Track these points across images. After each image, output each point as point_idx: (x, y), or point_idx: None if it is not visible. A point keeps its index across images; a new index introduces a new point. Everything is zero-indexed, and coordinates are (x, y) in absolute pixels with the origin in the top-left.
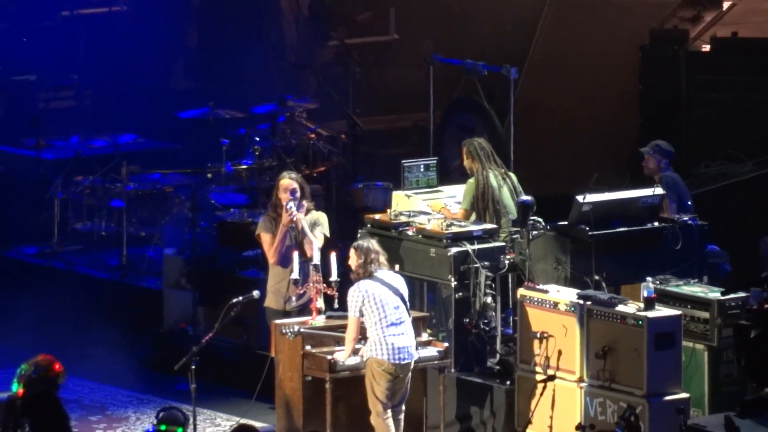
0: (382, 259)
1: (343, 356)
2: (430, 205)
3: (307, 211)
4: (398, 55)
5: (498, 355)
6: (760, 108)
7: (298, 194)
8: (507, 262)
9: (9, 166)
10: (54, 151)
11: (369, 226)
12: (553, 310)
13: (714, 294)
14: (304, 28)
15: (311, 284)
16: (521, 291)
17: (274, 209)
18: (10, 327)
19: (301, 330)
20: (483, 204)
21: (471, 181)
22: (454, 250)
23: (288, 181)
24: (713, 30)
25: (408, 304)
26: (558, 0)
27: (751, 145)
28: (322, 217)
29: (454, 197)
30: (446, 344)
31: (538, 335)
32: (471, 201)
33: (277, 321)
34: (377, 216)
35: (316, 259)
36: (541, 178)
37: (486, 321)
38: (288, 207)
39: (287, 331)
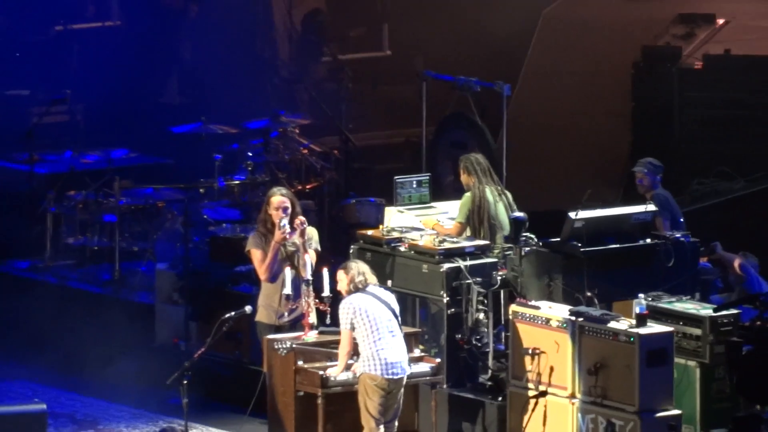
0: (370, 275)
1: (336, 371)
2: (422, 222)
3: (302, 232)
4: (391, 71)
5: (490, 371)
6: (753, 125)
7: (290, 211)
8: (499, 278)
9: (1, 181)
10: (47, 166)
11: (361, 241)
12: (545, 326)
13: (706, 311)
14: (298, 44)
15: (303, 299)
16: (513, 307)
17: (264, 225)
18: (2, 341)
19: (294, 346)
20: (478, 219)
21: (467, 195)
22: (446, 266)
23: (279, 198)
24: (706, 47)
25: (399, 319)
26: (551, 16)
27: (743, 162)
28: (313, 233)
29: (446, 213)
30: (438, 360)
31: (530, 351)
32: (466, 215)
33: (270, 336)
34: (369, 232)
35: (308, 275)
36: (533, 194)
37: (478, 337)
38: (282, 225)
39: (280, 347)
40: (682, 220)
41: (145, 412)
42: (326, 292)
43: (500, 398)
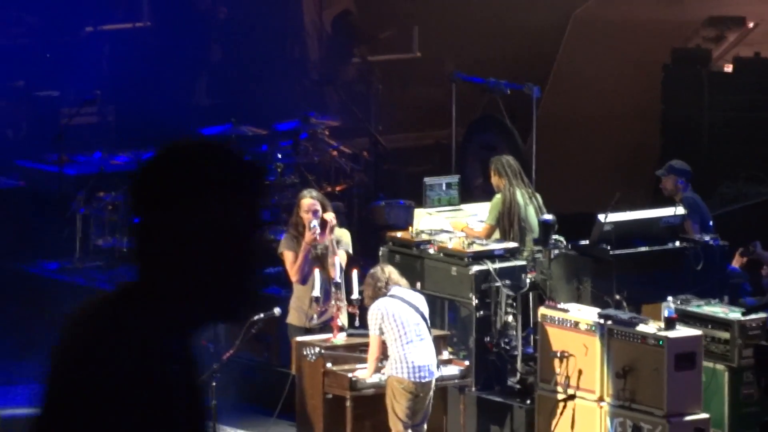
0: (396, 277)
1: (365, 375)
2: (452, 224)
3: (331, 229)
4: (421, 73)
5: (518, 374)
6: None
7: (320, 213)
8: (528, 281)
9: (31, 182)
10: (76, 167)
11: (390, 243)
12: (574, 329)
13: (735, 314)
14: (327, 45)
15: (333, 302)
16: (542, 310)
17: (295, 228)
18: (31, 343)
19: (323, 352)
20: (508, 221)
21: (498, 197)
22: (475, 268)
23: (310, 200)
24: (736, 50)
25: (428, 322)
26: (581, 18)
27: None
28: (345, 235)
29: (475, 215)
30: (467, 363)
31: (559, 354)
32: (496, 217)
33: (299, 339)
34: (399, 234)
35: (338, 277)
36: (562, 197)
37: (507, 340)
38: (312, 226)
39: (308, 352)
40: (711, 223)
41: None
42: (355, 295)
43: (528, 401)
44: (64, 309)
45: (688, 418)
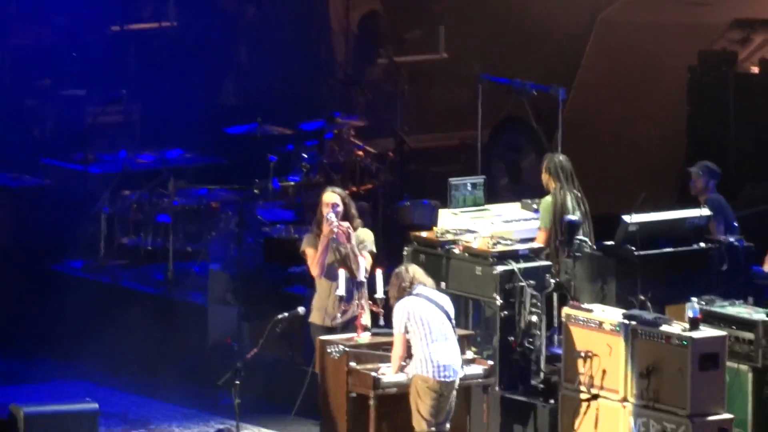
0: (421, 276)
1: (390, 373)
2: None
3: (355, 228)
4: (447, 74)
5: (542, 374)
6: None
7: (340, 208)
8: (552, 281)
9: (56, 180)
10: (101, 166)
11: (415, 243)
12: (598, 329)
13: (759, 315)
14: (354, 45)
15: (356, 301)
16: (566, 310)
17: (318, 226)
18: (56, 340)
19: (347, 349)
20: (557, 226)
21: (548, 199)
22: (499, 268)
23: (330, 195)
24: (762, 52)
25: (453, 321)
26: (607, 20)
27: None
28: (367, 235)
29: (500, 216)
30: (491, 362)
31: (583, 354)
32: (550, 220)
33: (323, 338)
34: (423, 234)
35: (361, 276)
36: (588, 197)
37: (531, 340)
38: (328, 218)
39: (333, 350)
40: (735, 224)
41: (197, 412)
42: (379, 294)
43: (552, 401)
44: (89, 307)
45: (712, 418)
